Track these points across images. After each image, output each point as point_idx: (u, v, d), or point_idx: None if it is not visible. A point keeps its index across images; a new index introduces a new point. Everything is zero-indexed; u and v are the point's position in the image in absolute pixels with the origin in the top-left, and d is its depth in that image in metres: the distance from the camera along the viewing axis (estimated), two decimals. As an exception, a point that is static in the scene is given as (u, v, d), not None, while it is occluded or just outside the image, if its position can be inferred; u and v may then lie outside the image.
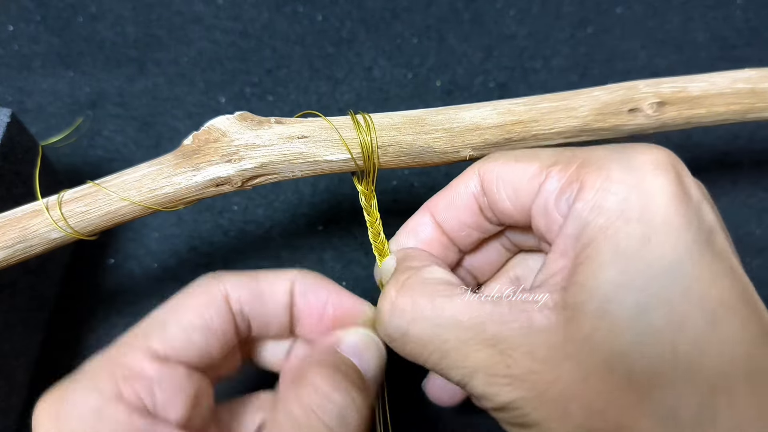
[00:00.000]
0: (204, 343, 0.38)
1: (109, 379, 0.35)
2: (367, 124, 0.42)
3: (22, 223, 0.40)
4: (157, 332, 0.38)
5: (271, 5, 0.74)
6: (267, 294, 0.41)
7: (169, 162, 0.41)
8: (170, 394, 0.36)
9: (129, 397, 0.35)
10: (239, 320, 0.40)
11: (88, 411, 0.34)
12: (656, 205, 0.34)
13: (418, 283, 0.39)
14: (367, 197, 0.45)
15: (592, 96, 0.44)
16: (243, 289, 0.40)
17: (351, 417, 0.37)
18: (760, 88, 0.47)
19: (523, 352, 0.34)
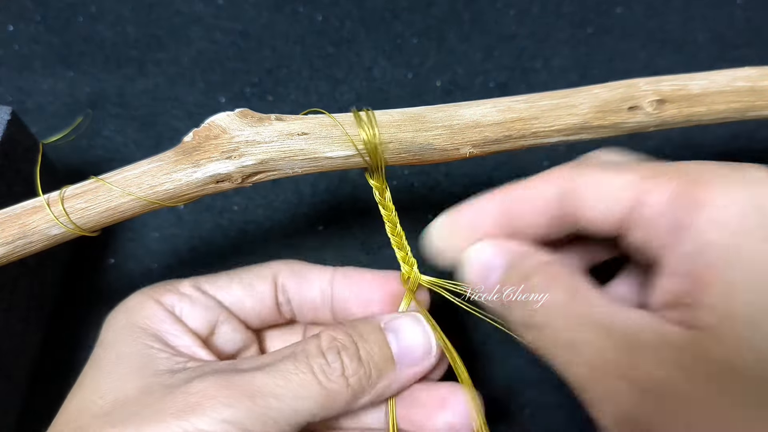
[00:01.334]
0: (240, 293, 0.47)
1: (157, 290, 0.46)
2: (369, 120, 0.42)
3: (22, 220, 0.40)
4: (209, 277, 0.48)
5: (271, 5, 0.74)
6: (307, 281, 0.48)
7: (169, 158, 0.41)
8: (194, 308, 0.45)
9: (165, 302, 0.45)
10: (281, 297, 0.48)
11: (132, 304, 0.45)
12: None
13: (559, 273, 0.39)
14: (381, 191, 0.45)
15: (593, 93, 0.44)
16: (289, 275, 0.48)
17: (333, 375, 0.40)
18: (759, 87, 0.47)
19: (656, 361, 0.33)
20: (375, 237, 0.62)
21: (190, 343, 0.44)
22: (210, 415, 0.37)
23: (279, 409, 0.38)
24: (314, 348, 0.41)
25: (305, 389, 0.39)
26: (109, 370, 0.41)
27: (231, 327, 0.47)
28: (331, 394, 0.40)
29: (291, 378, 0.39)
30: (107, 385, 0.40)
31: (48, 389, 0.57)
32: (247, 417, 0.37)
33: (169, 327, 0.44)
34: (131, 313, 0.44)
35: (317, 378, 0.40)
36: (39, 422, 0.56)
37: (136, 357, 0.41)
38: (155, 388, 0.39)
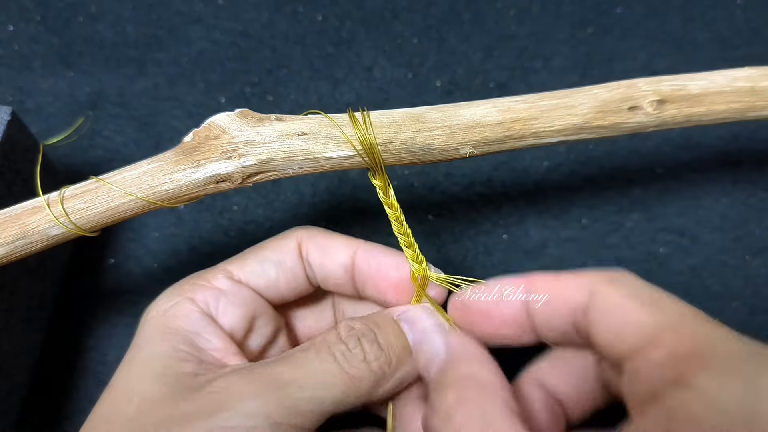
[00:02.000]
0: (274, 274, 0.47)
1: (190, 287, 0.45)
2: (365, 120, 0.42)
3: (22, 220, 0.40)
4: (237, 261, 0.47)
5: (271, 5, 0.74)
6: (330, 251, 0.47)
7: (169, 159, 0.41)
8: (231, 306, 0.45)
9: (199, 300, 0.44)
10: (308, 266, 0.47)
11: (165, 305, 0.44)
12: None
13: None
14: (384, 190, 0.45)
15: (592, 94, 0.44)
16: (311, 243, 0.47)
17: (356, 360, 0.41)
18: (760, 87, 0.47)
19: None
20: (375, 237, 0.62)
21: (222, 347, 0.43)
22: (236, 410, 0.36)
23: (304, 398, 0.38)
24: (334, 337, 0.42)
25: (329, 377, 0.39)
26: (137, 373, 0.41)
27: (266, 319, 0.47)
28: (354, 381, 0.40)
29: (314, 367, 0.39)
30: (134, 389, 0.40)
31: (48, 389, 0.57)
32: (274, 408, 0.37)
33: (201, 330, 0.43)
34: (164, 314, 0.43)
35: (340, 365, 0.40)
36: (39, 422, 0.56)
37: (164, 359, 0.41)
38: (179, 391, 0.39)
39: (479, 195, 0.65)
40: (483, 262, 0.62)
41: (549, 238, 0.63)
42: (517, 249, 0.63)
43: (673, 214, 0.64)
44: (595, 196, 0.65)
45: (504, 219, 0.64)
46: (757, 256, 0.63)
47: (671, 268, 0.62)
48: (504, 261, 0.63)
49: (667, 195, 0.65)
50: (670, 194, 0.65)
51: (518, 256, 0.63)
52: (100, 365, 0.58)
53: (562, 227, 0.64)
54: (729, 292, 0.61)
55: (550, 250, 0.63)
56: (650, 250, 0.63)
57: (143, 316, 0.44)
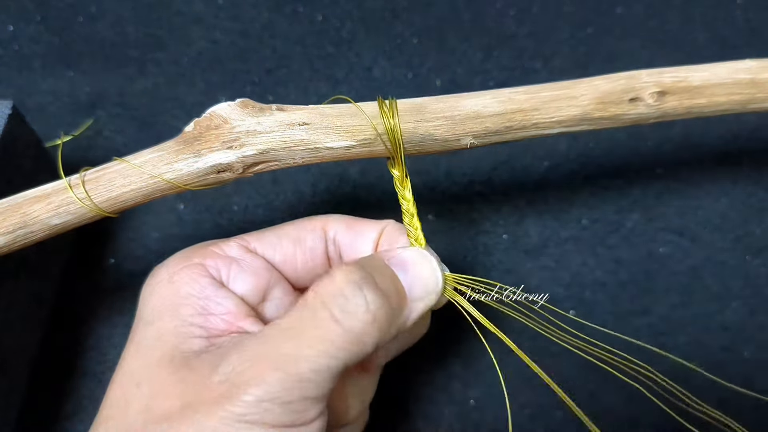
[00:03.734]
0: (291, 249, 0.46)
1: (200, 252, 0.44)
2: (391, 109, 0.42)
3: (23, 209, 0.40)
4: (256, 234, 0.47)
5: (271, 5, 0.75)
6: (360, 229, 0.47)
7: (170, 148, 0.41)
8: (243, 273, 0.44)
9: (209, 266, 0.43)
10: (331, 248, 0.47)
11: (173, 269, 0.43)
12: None
13: None
14: (401, 181, 0.45)
15: (593, 85, 0.44)
16: (340, 223, 0.47)
17: (359, 314, 0.39)
18: (760, 79, 0.47)
19: None
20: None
21: (234, 311, 0.42)
22: (244, 398, 0.35)
23: (311, 370, 0.37)
24: (329, 289, 0.39)
25: (332, 342, 0.37)
26: (146, 352, 0.40)
27: (281, 290, 0.46)
28: (359, 337, 0.38)
29: (315, 334, 0.38)
30: (143, 372, 0.39)
31: (48, 389, 0.57)
32: (282, 389, 0.36)
33: (211, 293, 0.42)
34: (173, 281, 0.42)
35: (342, 325, 0.38)
36: (39, 422, 0.56)
37: (172, 336, 0.40)
38: (186, 376, 0.38)
39: (479, 195, 0.65)
40: (483, 262, 0.62)
41: (549, 238, 0.63)
42: (517, 249, 0.63)
43: (673, 214, 0.64)
44: (595, 196, 0.65)
45: (504, 219, 0.64)
46: (757, 256, 0.63)
47: (671, 268, 0.62)
48: (504, 261, 0.62)
49: (667, 195, 0.65)
50: (670, 194, 0.65)
51: (518, 256, 0.63)
52: (100, 365, 0.58)
53: (562, 227, 0.64)
54: (729, 292, 0.61)
55: (550, 250, 0.63)
56: (650, 250, 0.63)
57: (149, 280, 0.44)
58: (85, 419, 0.56)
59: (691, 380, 0.57)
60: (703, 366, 0.57)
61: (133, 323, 0.43)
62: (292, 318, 0.39)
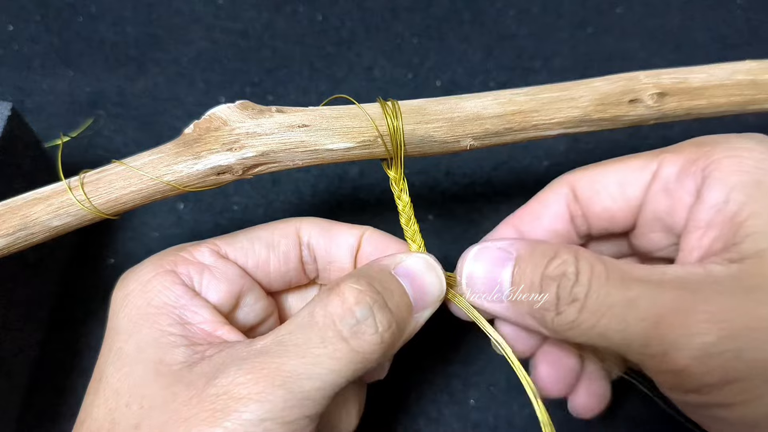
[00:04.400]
0: (264, 255, 0.45)
1: (171, 259, 0.43)
2: (394, 110, 0.42)
3: (23, 211, 0.40)
4: (227, 238, 0.45)
5: (271, 5, 0.74)
6: (336, 234, 0.46)
7: (170, 150, 0.41)
8: (215, 281, 0.43)
9: (181, 273, 0.42)
10: (305, 252, 0.46)
11: (145, 277, 0.42)
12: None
13: (584, 249, 0.39)
14: (398, 182, 0.45)
15: (593, 86, 0.44)
16: (315, 227, 0.46)
17: (367, 334, 0.38)
18: (760, 80, 0.47)
19: (718, 292, 0.35)
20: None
21: (210, 319, 0.41)
22: (244, 416, 0.35)
23: (314, 389, 0.36)
24: (339, 308, 0.38)
25: (338, 361, 0.37)
26: (129, 367, 0.39)
27: (254, 296, 0.45)
28: (366, 356, 0.38)
29: (321, 353, 0.37)
30: (129, 388, 0.38)
31: (48, 389, 0.57)
32: (284, 408, 0.35)
33: (187, 302, 0.41)
34: (146, 288, 0.41)
35: (349, 344, 0.38)
36: (39, 422, 0.56)
37: (154, 349, 0.39)
38: (179, 390, 0.37)
39: (479, 195, 0.65)
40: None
41: (549, 237, 0.63)
42: (518, 249, 0.63)
43: (673, 213, 0.64)
44: (596, 195, 0.65)
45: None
46: (758, 255, 0.63)
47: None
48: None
49: (668, 195, 0.65)
50: (671, 194, 0.65)
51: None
52: (100, 365, 0.58)
53: (563, 227, 0.64)
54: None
55: (550, 250, 0.63)
56: (651, 250, 0.63)
57: (119, 288, 0.42)
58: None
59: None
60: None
61: (105, 332, 0.42)
62: (295, 333, 0.38)
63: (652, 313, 0.35)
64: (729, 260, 0.36)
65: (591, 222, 0.43)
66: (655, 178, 0.41)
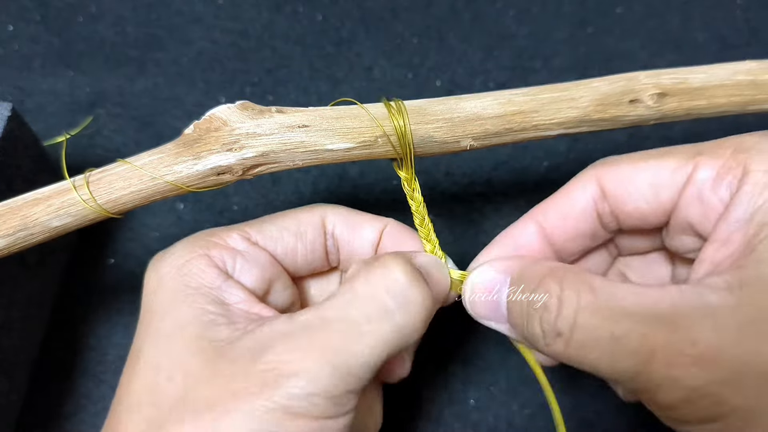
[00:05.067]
0: (292, 243, 0.45)
1: (203, 243, 0.43)
2: (399, 110, 0.42)
3: (23, 211, 0.40)
4: (256, 224, 0.46)
5: (271, 5, 0.75)
6: (359, 226, 0.46)
7: (170, 151, 0.41)
8: (248, 266, 0.43)
9: (214, 257, 0.42)
10: (330, 242, 0.47)
11: (179, 260, 0.42)
12: None
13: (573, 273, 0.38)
14: (409, 182, 0.45)
15: (593, 87, 0.44)
16: (339, 217, 0.47)
17: (413, 305, 0.39)
18: (761, 80, 0.47)
19: (709, 328, 0.33)
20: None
21: (246, 298, 0.41)
22: (292, 391, 0.35)
23: (359, 365, 0.37)
24: (382, 279, 0.39)
25: (382, 336, 0.38)
26: (168, 343, 0.39)
27: (282, 283, 0.45)
28: (410, 330, 0.39)
29: (366, 329, 0.38)
30: (171, 362, 0.38)
31: (48, 389, 0.57)
32: (330, 382, 0.36)
33: (222, 284, 0.41)
34: (182, 272, 0.41)
35: (395, 319, 0.38)
36: (39, 422, 0.56)
37: (195, 326, 0.39)
38: (223, 365, 0.37)
39: (479, 195, 0.65)
40: (483, 263, 0.62)
41: (549, 237, 0.63)
42: (518, 249, 0.63)
43: (673, 213, 0.64)
44: (595, 196, 0.65)
45: (504, 219, 0.64)
46: (758, 255, 0.63)
47: (672, 268, 0.62)
48: (504, 261, 0.62)
49: (667, 195, 0.65)
50: (670, 194, 0.65)
51: (518, 256, 0.63)
52: (100, 365, 0.58)
53: (562, 227, 0.64)
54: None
55: (550, 250, 0.63)
56: (650, 250, 0.63)
57: (152, 270, 0.43)
58: (85, 419, 0.56)
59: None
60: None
61: (139, 315, 0.42)
62: (340, 308, 0.39)
63: (642, 350, 0.34)
64: (729, 284, 0.34)
65: (621, 220, 0.42)
66: (690, 182, 0.39)
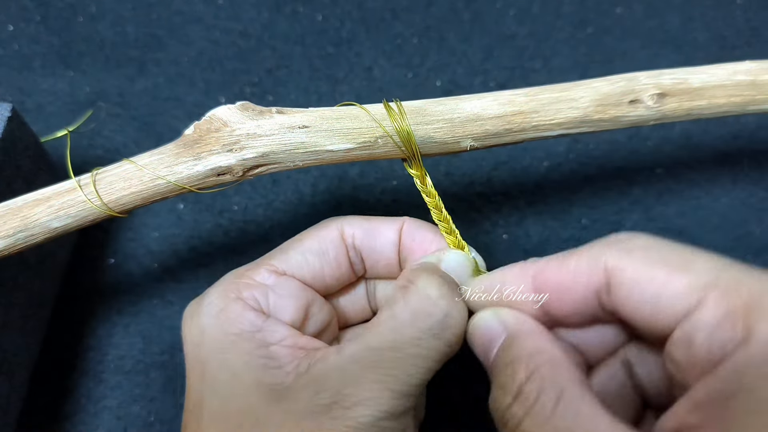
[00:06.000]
0: (318, 265, 0.45)
1: (234, 287, 0.42)
2: (400, 111, 0.42)
3: (24, 212, 0.40)
4: (279, 254, 0.45)
5: (271, 5, 0.75)
6: (377, 231, 0.46)
7: (170, 151, 0.41)
8: (283, 299, 0.43)
9: (247, 299, 0.42)
10: (352, 254, 0.46)
11: (215, 309, 0.42)
12: None
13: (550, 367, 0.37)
14: (421, 179, 0.45)
15: (593, 87, 0.44)
16: (357, 227, 0.46)
17: (453, 323, 0.39)
18: (760, 80, 0.47)
19: None
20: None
21: (287, 334, 0.41)
22: (360, 419, 0.36)
23: (414, 385, 0.38)
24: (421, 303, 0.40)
25: (431, 357, 0.39)
26: (229, 391, 0.39)
27: (318, 306, 0.45)
28: (453, 347, 0.40)
29: (415, 353, 0.38)
30: (238, 409, 0.38)
31: (48, 389, 0.57)
32: (392, 405, 0.37)
33: (262, 325, 0.41)
34: (220, 320, 0.41)
35: (440, 339, 0.39)
36: (39, 422, 0.56)
37: (248, 372, 0.39)
38: (287, 406, 0.38)
39: (479, 195, 0.65)
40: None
41: (549, 238, 0.63)
42: (517, 249, 0.63)
43: (673, 214, 0.64)
44: (595, 196, 0.65)
45: (504, 219, 0.64)
46: (757, 256, 0.63)
47: (671, 268, 0.62)
48: (504, 261, 0.62)
49: (667, 195, 0.65)
50: (670, 194, 0.65)
51: (518, 256, 0.62)
52: (100, 365, 0.58)
53: (562, 227, 0.64)
54: (729, 292, 0.61)
55: (550, 250, 0.63)
56: (650, 250, 0.63)
57: (189, 324, 0.42)
58: (85, 419, 0.56)
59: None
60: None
61: (186, 369, 0.42)
62: (385, 336, 0.39)
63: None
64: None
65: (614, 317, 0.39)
66: (689, 319, 0.34)
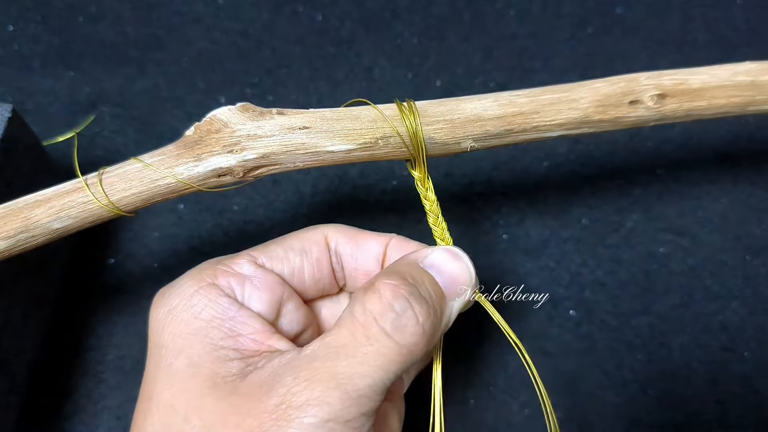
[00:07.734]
0: (299, 263, 0.45)
1: (210, 273, 0.42)
2: (411, 110, 0.42)
3: (24, 213, 0.40)
4: (261, 248, 0.45)
5: (271, 5, 0.75)
6: (363, 243, 0.47)
7: (171, 152, 0.41)
8: (258, 290, 0.43)
9: (223, 285, 0.42)
10: (334, 260, 0.47)
11: (188, 291, 0.41)
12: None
13: None
14: (423, 181, 0.45)
15: (593, 88, 0.44)
16: (342, 234, 0.47)
17: (409, 326, 0.39)
18: (760, 81, 0.47)
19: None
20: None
21: (260, 329, 0.41)
22: (306, 420, 0.36)
23: (367, 386, 0.37)
24: (377, 304, 0.40)
25: (385, 356, 0.38)
26: (182, 382, 0.39)
27: (294, 304, 0.45)
28: (411, 348, 0.39)
29: (369, 351, 0.38)
30: (187, 402, 0.38)
31: (48, 389, 0.57)
32: (343, 408, 0.36)
33: (235, 314, 0.41)
34: (191, 303, 0.41)
35: (393, 338, 0.39)
36: (39, 422, 0.56)
37: (208, 363, 0.39)
38: (237, 402, 0.37)
39: (479, 195, 0.65)
40: (483, 262, 0.62)
41: (549, 238, 0.63)
42: (517, 249, 0.63)
43: (673, 214, 0.64)
44: (595, 196, 0.65)
45: (504, 219, 0.64)
46: (757, 256, 0.63)
47: (671, 268, 0.62)
48: (504, 261, 0.63)
49: (667, 195, 0.65)
50: (670, 194, 0.65)
51: (518, 256, 0.63)
52: (100, 365, 0.58)
53: (562, 227, 0.64)
54: (729, 292, 0.61)
55: (550, 250, 0.63)
56: (650, 250, 0.63)
57: (158, 304, 0.42)
58: (85, 419, 0.56)
59: (691, 380, 0.57)
60: (703, 366, 0.57)
61: (148, 349, 0.41)
62: (342, 335, 0.39)
63: None
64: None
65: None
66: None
